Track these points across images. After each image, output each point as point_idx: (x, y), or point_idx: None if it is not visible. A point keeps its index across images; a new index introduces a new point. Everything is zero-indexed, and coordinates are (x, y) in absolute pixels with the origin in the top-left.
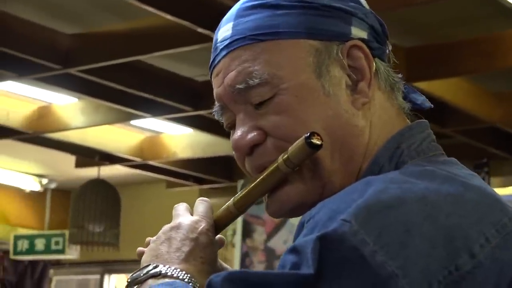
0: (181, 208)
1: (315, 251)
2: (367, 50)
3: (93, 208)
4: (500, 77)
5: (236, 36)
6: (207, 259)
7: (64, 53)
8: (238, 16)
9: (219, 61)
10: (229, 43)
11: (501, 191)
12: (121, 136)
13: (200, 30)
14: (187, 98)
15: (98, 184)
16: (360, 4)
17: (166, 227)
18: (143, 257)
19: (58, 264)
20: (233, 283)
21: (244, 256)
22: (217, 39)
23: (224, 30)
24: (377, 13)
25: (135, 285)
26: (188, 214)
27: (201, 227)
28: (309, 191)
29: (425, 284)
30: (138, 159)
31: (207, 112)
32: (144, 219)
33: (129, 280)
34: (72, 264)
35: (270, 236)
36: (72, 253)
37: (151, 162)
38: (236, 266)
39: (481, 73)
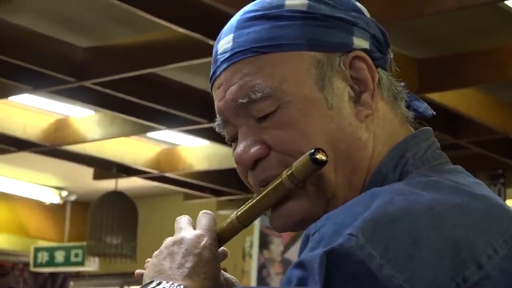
0: (183, 222)
1: (322, 266)
2: (370, 61)
3: (111, 220)
4: None
5: (237, 48)
6: (210, 274)
7: (78, 66)
8: (239, 27)
9: (220, 74)
10: (230, 55)
11: None
12: (138, 149)
13: (211, 42)
14: (202, 110)
15: (116, 196)
16: (362, 13)
17: (169, 241)
18: (146, 273)
19: (78, 276)
20: None
21: (261, 267)
22: (217, 51)
23: (225, 42)
24: (388, 25)
25: None
26: (191, 228)
27: (204, 242)
28: (313, 206)
29: None
30: (155, 171)
31: None
32: (162, 231)
33: None
34: (91, 276)
35: (287, 247)
36: (92, 265)
37: (168, 174)
38: (253, 277)
39: (493, 84)
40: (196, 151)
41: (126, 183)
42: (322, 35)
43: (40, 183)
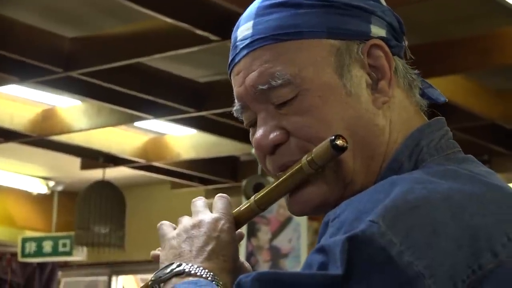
0: (200, 204)
1: (344, 252)
2: (387, 49)
3: (98, 210)
4: (498, 74)
5: (257, 35)
6: (229, 257)
7: (65, 57)
8: (258, 14)
9: (239, 60)
10: (250, 42)
11: None
12: (125, 138)
13: (198, 32)
14: (189, 99)
15: (103, 186)
16: (379, 1)
17: (187, 224)
18: (164, 255)
19: (66, 266)
20: (263, 284)
21: (250, 255)
22: (236, 37)
23: (244, 29)
24: None
25: (159, 284)
26: (208, 211)
27: (222, 225)
28: (331, 192)
29: (450, 283)
30: (142, 161)
31: (209, 113)
32: (150, 220)
33: (153, 279)
34: (80, 265)
35: (275, 235)
36: (80, 255)
37: (155, 164)
38: None
39: (479, 70)
40: (183, 140)
41: (114, 173)
42: (341, 23)
43: (27, 174)
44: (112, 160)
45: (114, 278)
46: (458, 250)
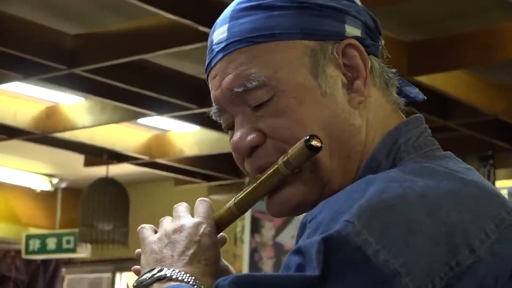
0: (181, 209)
1: (319, 252)
2: (362, 48)
3: (102, 207)
4: (501, 69)
5: (232, 38)
6: (210, 261)
7: (69, 54)
8: (233, 18)
9: (215, 64)
10: (225, 46)
11: (506, 183)
12: (128, 135)
13: (201, 28)
14: (192, 96)
15: (107, 182)
16: (353, 1)
17: (169, 229)
18: (146, 260)
19: (70, 262)
20: (240, 286)
21: (253, 251)
22: (212, 41)
23: (219, 32)
24: (377, 8)
25: None
26: (189, 216)
27: (203, 229)
28: (309, 192)
29: (427, 281)
30: (145, 157)
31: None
32: (153, 216)
33: (135, 284)
34: (84, 262)
35: (278, 231)
36: (84, 252)
37: (158, 160)
38: (245, 262)
39: (482, 65)
40: (186, 137)
41: (117, 170)
42: (315, 24)
43: (31, 171)
44: (116, 157)
45: (118, 275)
46: (434, 247)
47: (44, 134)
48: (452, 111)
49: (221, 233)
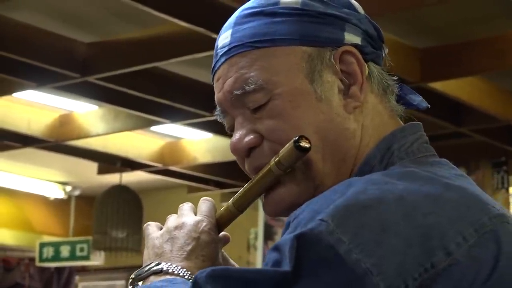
0: (185, 208)
1: (292, 249)
2: (359, 55)
3: (116, 214)
4: None
5: (234, 43)
6: (208, 257)
7: (82, 62)
8: (237, 23)
9: (219, 67)
10: (228, 50)
11: None
12: (141, 143)
13: (214, 36)
14: (205, 103)
15: (120, 190)
16: (355, 10)
17: (171, 226)
18: (147, 254)
19: (83, 270)
20: (216, 279)
21: None
22: (217, 46)
23: (224, 37)
24: (390, 15)
25: (138, 282)
26: (192, 214)
27: (203, 227)
28: (301, 193)
29: (399, 281)
30: (159, 165)
31: None
32: None
33: (132, 277)
34: (97, 270)
35: None
36: (97, 259)
37: (172, 168)
38: None
39: (495, 72)
40: (199, 144)
41: (130, 177)
42: (314, 31)
43: (44, 179)
44: (129, 164)
45: None
46: (408, 248)
47: (58, 142)
48: (465, 118)
49: (224, 232)
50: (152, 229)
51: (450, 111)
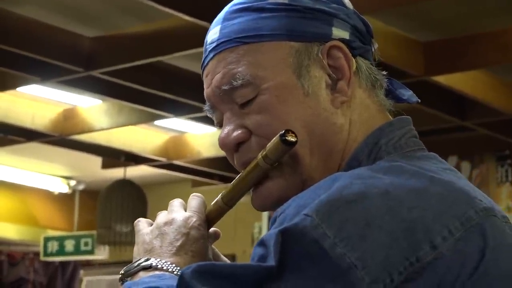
0: (175, 204)
1: (277, 244)
2: (346, 50)
3: (120, 209)
4: None
5: (223, 39)
6: (197, 253)
7: (86, 56)
8: (226, 19)
9: (208, 63)
10: (216, 45)
11: None
12: (146, 137)
13: None
14: None
15: (124, 184)
16: (343, 5)
17: (160, 222)
18: (137, 250)
19: (88, 264)
20: (201, 275)
21: None
22: (206, 42)
23: (213, 33)
24: (394, 8)
25: (127, 277)
26: (182, 210)
27: (193, 222)
28: (289, 187)
29: (384, 274)
30: (163, 159)
31: None
32: None
33: (122, 272)
34: (102, 264)
35: None
36: (101, 254)
37: (176, 162)
38: None
39: (499, 65)
40: (203, 138)
41: (135, 171)
42: (302, 26)
43: (48, 173)
44: (133, 159)
45: None
46: (393, 242)
47: (62, 136)
48: (469, 111)
49: (214, 228)
50: (142, 225)
51: (454, 105)
